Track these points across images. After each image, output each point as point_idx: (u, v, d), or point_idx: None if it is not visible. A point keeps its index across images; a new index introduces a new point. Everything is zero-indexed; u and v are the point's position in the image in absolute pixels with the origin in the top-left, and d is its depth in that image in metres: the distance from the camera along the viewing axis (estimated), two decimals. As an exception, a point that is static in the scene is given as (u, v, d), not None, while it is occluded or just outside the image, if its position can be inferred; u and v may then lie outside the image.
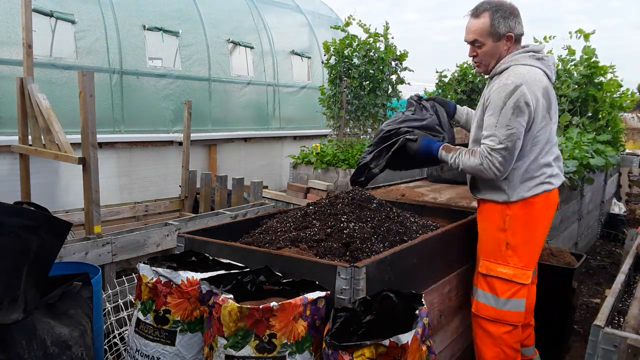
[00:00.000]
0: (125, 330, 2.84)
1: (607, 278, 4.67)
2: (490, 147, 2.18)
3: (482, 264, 2.38)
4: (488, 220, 2.39)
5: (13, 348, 1.59)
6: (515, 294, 2.30)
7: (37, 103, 4.22)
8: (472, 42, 2.29)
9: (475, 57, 2.31)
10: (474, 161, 2.23)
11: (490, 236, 2.36)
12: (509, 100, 2.13)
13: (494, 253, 2.34)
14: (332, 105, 6.67)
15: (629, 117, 14.95)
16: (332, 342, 1.52)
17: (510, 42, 2.25)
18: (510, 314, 2.31)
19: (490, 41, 2.24)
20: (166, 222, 3.86)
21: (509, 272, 2.30)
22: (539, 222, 2.34)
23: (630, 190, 7.02)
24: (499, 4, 2.23)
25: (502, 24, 2.21)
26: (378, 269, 1.84)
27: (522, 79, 2.15)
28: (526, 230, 2.31)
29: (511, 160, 2.19)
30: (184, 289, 1.84)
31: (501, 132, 2.14)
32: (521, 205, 2.29)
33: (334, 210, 2.32)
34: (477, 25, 2.24)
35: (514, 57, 2.25)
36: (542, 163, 2.29)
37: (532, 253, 2.35)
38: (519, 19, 2.25)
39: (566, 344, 3.16)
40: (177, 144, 6.78)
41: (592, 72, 5.96)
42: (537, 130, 2.22)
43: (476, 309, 2.39)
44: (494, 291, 2.33)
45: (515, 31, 2.24)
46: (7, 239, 1.60)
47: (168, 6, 7.26)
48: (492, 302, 2.33)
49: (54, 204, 5.48)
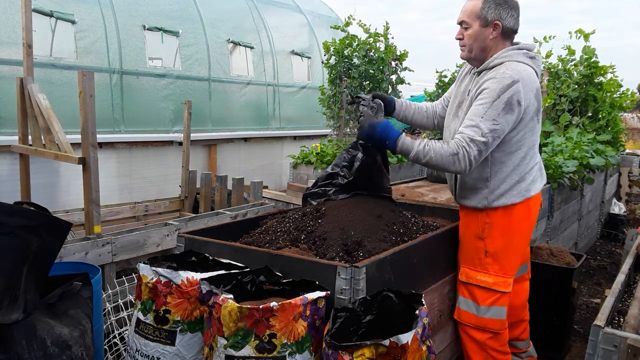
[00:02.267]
0: (125, 330, 2.84)
1: (607, 278, 4.67)
2: (470, 137, 2.05)
3: (462, 271, 2.35)
4: (466, 228, 2.34)
5: (13, 348, 1.59)
6: (496, 302, 2.26)
7: (37, 103, 4.22)
8: (460, 23, 2.21)
9: (461, 39, 2.22)
10: (448, 150, 2.06)
11: (469, 244, 2.32)
12: (504, 94, 2.03)
13: (473, 261, 2.31)
14: (332, 105, 6.68)
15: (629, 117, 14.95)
16: (332, 342, 1.52)
17: (497, 31, 2.14)
18: (492, 321, 2.28)
19: (477, 25, 2.14)
20: (166, 222, 3.86)
21: (489, 280, 2.26)
22: (518, 229, 2.29)
23: (630, 190, 7.02)
24: None
25: (492, 9, 2.12)
26: (378, 269, 1.84)
27: (520, 75, 2.07)
28: (505, 238, 2.25)
29: (484, 155, 2.10)
30: (184, 289, 1.84)
31: (486, 125, 2.04)
32: (500, 213, 2.24)
33: (334, 210, 2.32)
34: (468, 6, 2.17)
35: (508, 53, 2.16)
36: (524, 169, 2.23)
37: (513, 260, 2.30)
38: (513, 12, 2.15)
39: (566, 344, 3.16)
40: (177, 144, 6.78)
41: (592, 72, 5.96)
42: (523, 133, 2.16)
43: (458, 315, 2.37)
44: (474, 299, 2.29)
45: (504, 22, 2.14)
46: (7, 239, 1.60)
47: (168, 6, 7.26)
48: (473, 309, 2.30)
49: (54, 204, 5.48)
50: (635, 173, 6.99)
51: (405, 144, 2.11)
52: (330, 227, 2.18)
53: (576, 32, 6.10)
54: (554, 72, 6.16)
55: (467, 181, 2.29)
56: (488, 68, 2.18)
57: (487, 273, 2.27)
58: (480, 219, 2.27)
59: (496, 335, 2.31)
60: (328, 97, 6.72)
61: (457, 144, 2.07)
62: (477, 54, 2.21)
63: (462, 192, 2.34)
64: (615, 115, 6.26)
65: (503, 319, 2.29)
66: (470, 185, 2.28)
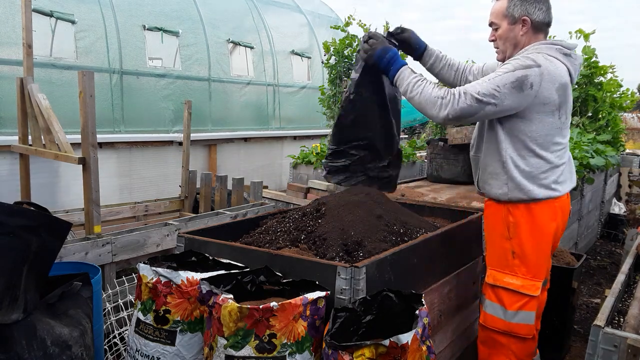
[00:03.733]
0: (125, 330, 2.84)
1: (607, 278, 4.67)
2: (465, 89, 2.01)
3: (489, 273, 2.27)
4: (492, 228, 2.29)
5: (13, 348, 1.59)
6: (524, 307, 2.18)
7: (37, 103, 4.22)
8: (490, 24, 2.19)
9: (494, 41, 2.20)
10: (437, 93, 2.04)
11: (496, 245, 2.26)
12: (518, 70, 1.99)
13: (500, 262, 2.24)
14: (332, 105, 6.67)
15: (629, 117, 14.95)
16: (332, 342, 1.52)
17: (527, 27, 2.10)
18: (520, 326, 2.20)
19: (505, 24, 2.12)
20: (166, 222, 3.86)
21: (517, 282, 2.18)
22: (543, 230, 2.20)
23: (630, 190, 7.02)
24: None
25: (518, 6, 2.09)
26: (378, 269, 1.84)
27: (543, 64, 2.01)
28: (532, 239, 2.18)
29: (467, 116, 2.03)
30: (184, 289, 1.84)
31: (486, 86, 1.99)
32: (523, 211, 2.18)
33: (334, 210, 2.32)
34: (496, 7, 2.16)
35: (538, 47, 2.10)
36: (546, 164, 2.14)
37: (541, 263, 2.22)
38: (541, 6, 2.11)
39: (566, 344, 3.16)
40: (177, 144, 6.78)
41: (592, 72, 5.96)
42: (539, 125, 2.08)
43: (484, 319, 2.28)
44: (501, 302, 2.21)
45: (532, 16, 2.09)
46: (7, 239, 1.60)
47: (168, 6, 7.26)
48: (500, 313, 2.22)
49: (54, 204, 5.48)
50: (635, 173, 6.99)
51: (404, 74, 2.11)
52: (330, 227, 2.18)
53: (576, 32, 6.09)
54: (554, 72, 6.14)
55: (488, 163, 2.23)
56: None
57: (515, 275, 2.20)
58: (505, 218, 2.21)
59: (524, 341, 2.23)
60: (328, 97, 6.72)
61: (449, 90, 2.03)
62: (511, 54, 2.16)
63: (483, 176, 2.27)
64: (615, 115, 6.26)
65: (531, 324, 2.21)
66: (490, 169, 2.22)
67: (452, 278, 2.40)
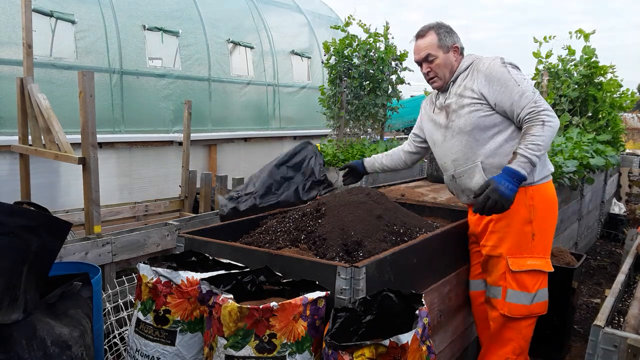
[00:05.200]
0: (125, 330, 2.84)
1: (607, 278, 4.67)
2: (533, 101, 2.14)
3: (511, 261, 2.30)
4: (515, 215, 2.26)
5: (13, 348, 1.59)
6: (541, 284, 2.33)
7: (37, 103, 4.22)
8: (424, 58, 2.39)
9: (430, 72, 2.41)
10: (537, 128, 2.10)
11: (517, 231, 2.30)
12: (505, 65, 2.23)
13: (520, 247, 2.31)
14: (332, 105, 6.67)
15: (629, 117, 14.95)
16: (332, 342, 1.52)
17: (457, 53, 2.39)
18: (539, 305, 2.33)
19: (442, 53, 2.37)
20: (166, 222, 3.86)
21: (537, 262, 2.30)
22: (555, 207, 2.38)
23: (630, 190, 7.02)
24: (439, 23, 2.42)
25: (447, 37, 2.37)
26: (378, 269, 1.84)
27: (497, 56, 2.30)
28: (547, 217, 2.33)
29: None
30: (184, 289, 1.84)
31: (525, 85, 2.18)
32: (541, 191, 2.31)
33: (334, 210, 2.32)
34: (426, 42, 2.38)
35: (472, 56, 2.39)
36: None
37: (551, 239, 2.38)
38: (457, 35, 2.43)
39: (566, 344, 3.16)
40: (177, 144, 6.78)
41: (592, 72, 5.96)
42: None
43: (509, 311, 2.32)
44: (524, 287, 2.30)
45: (459, 44, 2.40)
46: (7, 239, 1.60)
47: (168, 6, 7.26)
48: (523, 299, 2.31)
49: (54, 204, 5.48)
50: (635, 173, 6.99)
51: (522, 162, 2.07)
52: (330, 227, 2.18)
53: (576, 32, 6.10)
54: (554, 72, 6.16)
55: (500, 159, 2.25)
56: (462, 71, 2.38)
57: (533, 256, 2.30)
58: (527, 202, 2.28)
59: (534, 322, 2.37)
60: (328, 97, 6.72)
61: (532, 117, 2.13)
62: (448, 78, 2.41)
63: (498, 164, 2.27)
64: (615, 115, 6.26)
65: (547, 300, 2.35)
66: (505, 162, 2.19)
67: (452, 278, 2.40)
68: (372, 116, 6.85)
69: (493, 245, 2.35)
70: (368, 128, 7.09)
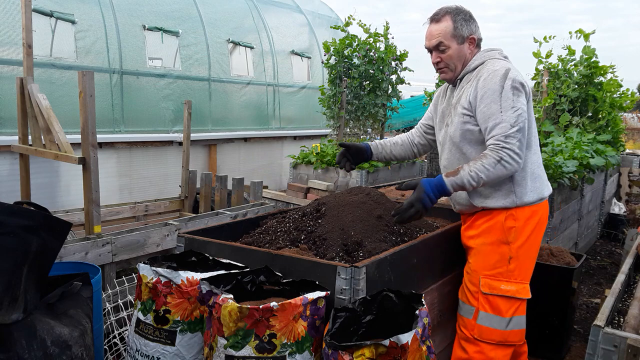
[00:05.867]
0: (125, 330, 2.84)
1: (607, 278, 4.67)
2: (503, 135, 1.98)
3: (483, 282, 2.16)
4: (488, 234, 2.18)
5: (13, 348, 1.59)
6: (517, 311, 2.15)
7: (37, 103, 4.22)
8: (436, 46, 2.18)
9: (440, 62, 2.21)
10: (491, 161, 1.97)
11: (491, 252, 2.16)
12: (505, 82, 2.02)
13: (495, 269, 2.15)
14: (332, 105, 6.68)
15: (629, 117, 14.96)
16: (332, 342, 1.52)
17: (474, 45, 2.20)
18: (514, 333, 2.16)
19: (455, 44, 2.16)
20: (166, 222, 3.86)
21: (513, 288, 2.14)
22: (541, 230, 2.20)
23: (630, 190, 7.02)
24: (458, 8, 2.18)
25: (464, 26, 2.16)
26: (378, 269, 1.84)
27: (507, 66, 2.08)
28: (531, 241, 2.16)
29: (524, 144, 2.02)
30: (184, 289, 1.84)
31: (509, 115, 1.99)
32: (528, 214, 2.14)
33: (334, 210, 2.32)
34: (439, 29, 2.16)
35: (486, 54, 2.18)
36: (538, 161, 2.19)
37: (532, 265, 2.21)
38: (477, 23, 2.21)
39: (566, 344, 3.16)
40: (177, 144, 6.78)
41: (592, 72, 5.96)
42: (531, 125, 2.11)
43: (479, 334, 2.16)
44: (497, 312, 2.14)
45: (476, 34, 2.19)
46: (7, 239, 1.60)
47: (168, 6, 7.26)
48: (495, 324, 2.14)
49: (54, 204, 5.48)
50: (635, 173, 7.00)
51: (455, 182, 2.01)
52: (330, 227, 2.18)
53: (576, 32, 6.10)
54: (554, 72, 6.16)
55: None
56: (469, 71, 2.19)
57: (509, 281, 2.14)
58: (507, 223, 2.14)
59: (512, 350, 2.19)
60: (328, 97, 6.72)
61: (494, 148, 2.00)
62: (459, 71, 2.22)
63: (484, 191, 2.17)
64: (615, 115, 6.26)
65: (524, 328, 2.19)
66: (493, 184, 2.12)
67: (452, 278, 2.40)
68: (372, 116, 6.85)
69: (469, 261, 2.25)
70: (368, 128, 7.09)
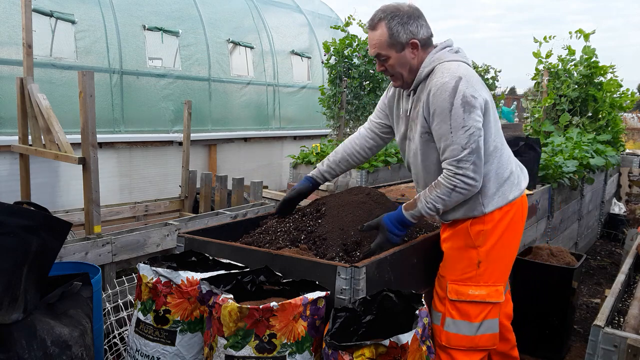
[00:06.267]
0: (125, 330, 2.84)
1: (607, 278, 4.67)
2: (455, 159, 1.89)
3: (450, 288, 2.08)
4: (455, 238, 2.10)
5: (13, 348, 1.59)
6: (488, 315, 2.07)
7: (37, 103, 4.22)
8: (376, 56, 2.05)
9: (385, 71, 2.07)
10: (445, 190, 1.92)
11: (458, 256, 2.09)
12: (454, 99, 1.87)
13: (464, 274, 2.07)
14: (332, 105, 6.68)
15: (629, 117, 14.96)
16: (332, 342, 1.53)
17: (417, 49, 2.00)
18: (485, 338, 2.07)
19: (394, 52, 2.00)
20: (166, 222, 3.85)
21: (482, 292, 2.06)
22: (514, 231, 2.12)
23: (630, 190, 7.02)
24: (395, 9, 1.99)
25: (401, 31, 1.97)
26: (378, 269, 1.84)
27: (458, 72, 1.91)
28: (500, 243, 2.08)
29: (481, 163, 1.93)
30: (184, 289, 1.84)
31: (459, 136, 1.88)
32: (497, 217, 2.05)
33: (334, 210, 2.32)
34: (375, 37, 2.00)
35: (434, 57, 2.01)
36: (506, 162, 2.08)
37: (506, 267, 2.15)
38: (420, 21, 2.01)
39: (566, 344, 3.16)
40: (177, 144, 6.78)
41: (592, 72, 5.97)
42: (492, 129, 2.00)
43: (447, 341, 2.08)
44: (466, 317, 2.06)
45: (419, 36, 1.99)
46: (7, 239, 1.60)
47: (168, 6, 7.26)
48: (464, 329, 2.06)
49: (54, 204, 5.48)
50: (635, 173, 6.99)
51: (414, 215, 2.00)
52: (330, 227, 2.18)
53: (576, 32, 6.10)
54: (554, 72, 6.16)
55: None
56: (421, 80, 2.03)
57: (478, 285, 2.06)
58: (474, 227, 2.06)
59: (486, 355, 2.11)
60: (328, 97, 6.73)
61: (447, 175, 1.93)
62: (408, 77, 2.06)
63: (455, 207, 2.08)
64: (615, 115, 6.27)
65: (496, 332, 2.11)
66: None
67: (452, 278, 2.40)
68: (372, 116, 6.84)
69: (440, 265, 2.18)
70: (368, 128, 7.08)
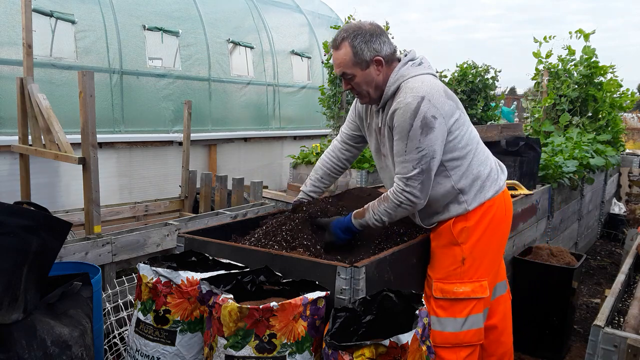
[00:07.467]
0: (125, 330, 2.84)
1: (607, 278, 4.67)
2: (405, 177, 1.97)
3: (435, 286, 2.11)
4: (439, 237, 2.15)
5: (13, 348, 1.59)
6: (473, 310, 2.09)
7: (37, 103, 4.22)
8: (342, 75, 2.08)
9: (352, 89, 2.10)
10: (391, 205, 2.01)
11: (443, 254, 2.12)
12: (414, 120, 1.91)
13: (448, 272, 2.10)
14: (332, 105, 6.68)
15: (629, 117, 14.96)
16: (332, 342, 1.52)
17: (381, 65, 2.04)
18: (470, 333, 2.09)
19: (359, 70, 2.03)
20: (166, 222, 3.85)
21: (467, 289, 2.08)
22: (498, 226, 2.16)
23: (630, 190, 7.02)
24: (357, 28, 2.03)
25: (365, 49, 2.00)
26: (378, 269, 1.84)
27: (421, 91, 1.94)
28: (484, 238, 2.11)
29: (429, 182, 1.98)
30: (184, 289, 1.84)
31: (412, 156, 1.94)
32: (480, 212, 2.10)
33: (334, 209, 2.32)
34: (339, 57, 2.04)
35: (398, 74, 2.04)
36: (487, 160, 2.16)
37: (490, 262, 2.17)
38: (383, 38, 2.05)
39: (566, 344, 3.17)
40: (177, 144, 6.78)
41: (592, 72, 5.96)
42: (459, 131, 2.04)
43: (432, 339, 2.07)
44: (451, 313, 2.09)
45: (382, 53, 2.03)
46: (7, 239, 1.60)
47: (168, 6, 7.26)
48: (449, 327, 2.08)
49: (54, 204, 5.48)
50: (635, 173, 6.99)
51: (361, 224, 2.09)
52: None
53: (576, 32, 6.10)
54: (554, 72, 6.16)
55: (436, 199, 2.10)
56: (388, 98, 2.07)
57: (463, 282, 2.09)
58: (457, 225, 2.10)
59: (473, 352, 2.12)
60: (328, 97, 6.72)
61: (395, 191, 2.00)
62: (374, 94, 2.09)
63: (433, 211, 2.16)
64: (615, 115, 6.26)
65: (481, 327, 2.13)
66: (441, 202, 2.12)
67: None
68: (372, 116, 6.84)
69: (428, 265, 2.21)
70: (368, 128, 7.08)
